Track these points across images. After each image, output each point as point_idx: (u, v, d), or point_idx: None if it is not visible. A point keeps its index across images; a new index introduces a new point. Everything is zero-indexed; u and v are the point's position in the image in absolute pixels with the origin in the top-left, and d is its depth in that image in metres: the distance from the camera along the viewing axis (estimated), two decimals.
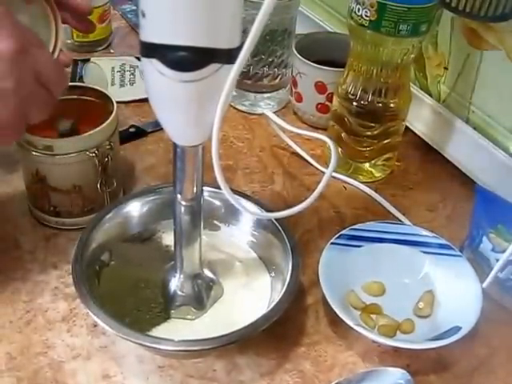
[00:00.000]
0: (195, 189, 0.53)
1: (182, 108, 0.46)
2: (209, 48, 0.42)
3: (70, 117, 0.67)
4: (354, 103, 0.74)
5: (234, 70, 0.42)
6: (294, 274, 0.58)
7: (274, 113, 0.78)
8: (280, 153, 0.83)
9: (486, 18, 0.68)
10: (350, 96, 0.74)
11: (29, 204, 0.70)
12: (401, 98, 0.74)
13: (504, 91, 0.74)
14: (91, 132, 0.64)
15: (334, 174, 0.78)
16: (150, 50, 0.43)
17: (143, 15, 0.42)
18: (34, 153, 0.64)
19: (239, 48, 0.42)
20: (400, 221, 0.73)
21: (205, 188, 0.57)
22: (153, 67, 0.43)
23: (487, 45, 0.74)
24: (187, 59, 0.42)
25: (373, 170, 0.79)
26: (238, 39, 0.43)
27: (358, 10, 0.67)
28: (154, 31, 0.42)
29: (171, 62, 0.42)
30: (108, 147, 0.66)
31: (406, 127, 0.81)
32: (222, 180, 0.47)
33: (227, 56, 0.43)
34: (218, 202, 0.65)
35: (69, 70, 0.91)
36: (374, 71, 0.72)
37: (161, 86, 0.44)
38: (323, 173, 0.58)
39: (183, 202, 0.54)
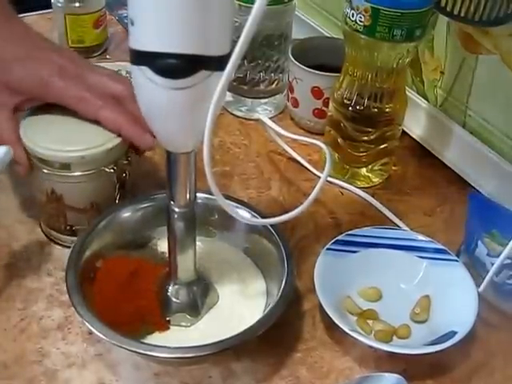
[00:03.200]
0: (188, 195, 0.53)
1: (172, 115, 0.45)
2: (198, 55, 0.42)
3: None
4: (350, 108, 0.74)
5: (224, 77, 0.42)
6: (290, 280, 0.58)
7: (271, 118, 0.78)
8: (277, 158, 0.83)
9: (480, 22, 0.68)
10: (345, 101, 0.74)
11: (41, 223, 0.69)
12: (397, 103, 0.74)
13: (500, 95, 0.74)
14: (109, 147, 0.62)
15: (331, 180, 0.78)
16: (140, 58, 0.43)
17: (132, 23, 0.42)
18: (48, 171, 0.62)
19: (229, 55, 0.41)
20: (397, 226, 0.72)
21: (200, 194, 0.57)
22: (142, 74, 0.43)
23: (482, 49, 0.74)
24: (177, 66, 0.42)
25: (370, 175, 0.79)
26: (228, 46, 0.43)
27: (352, 15, 0.67)
28: (143, 39, 0.42)
29: (161, 70, 0.42)
30: (125, 162, 0.65)
31: (403, 132, 0.81)
32: (214, 186, 0.47)
33: (217, 63, 0.42)
34: (213, 209, 0.65)
35: None
36: (370, 76, 0.71)
37: (151, 93, 0.44)
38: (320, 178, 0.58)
39: (177, 209, 0.54)
